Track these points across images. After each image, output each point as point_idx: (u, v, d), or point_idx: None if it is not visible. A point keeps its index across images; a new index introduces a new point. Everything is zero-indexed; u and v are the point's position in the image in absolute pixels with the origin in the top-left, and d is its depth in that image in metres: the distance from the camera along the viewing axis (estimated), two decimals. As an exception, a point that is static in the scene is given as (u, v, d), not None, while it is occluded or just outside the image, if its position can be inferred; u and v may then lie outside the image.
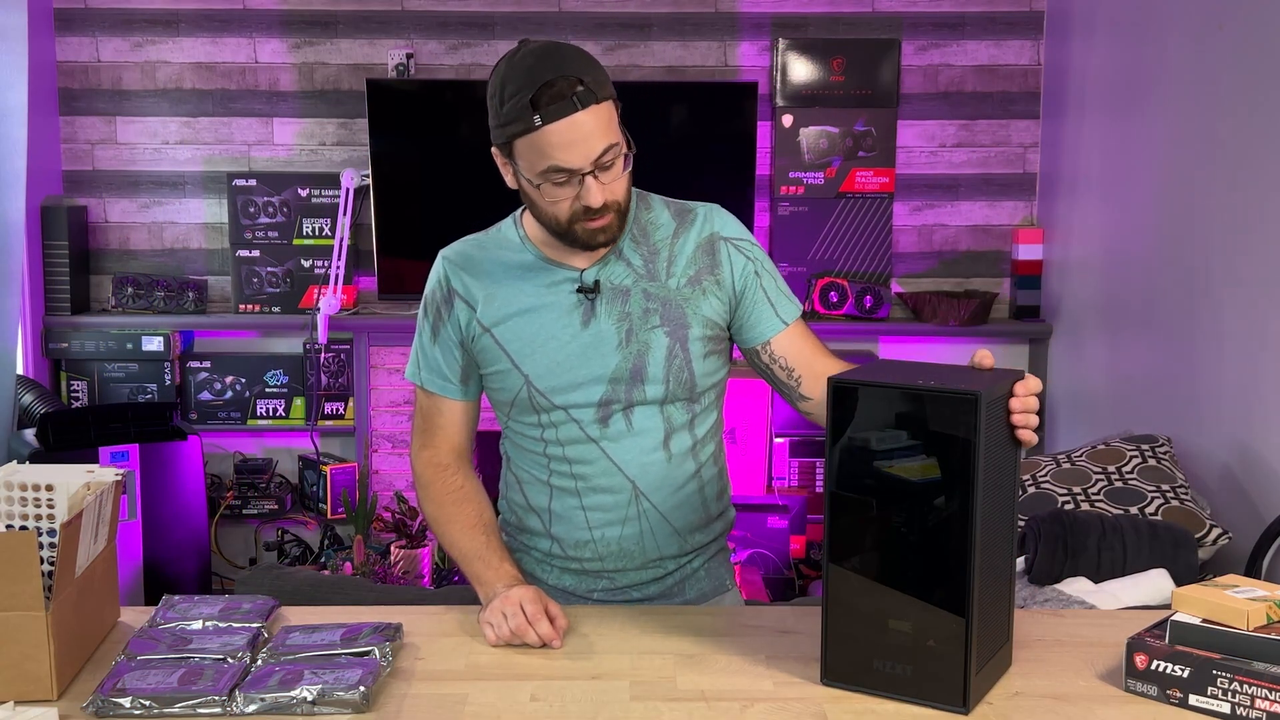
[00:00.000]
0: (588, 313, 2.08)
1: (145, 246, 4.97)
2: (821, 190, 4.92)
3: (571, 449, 2.11)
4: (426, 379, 2.18)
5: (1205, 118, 3.68)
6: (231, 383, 4.87)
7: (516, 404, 2.12)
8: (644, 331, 2.07)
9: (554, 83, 1.90)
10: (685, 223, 2.15)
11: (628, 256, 2.11)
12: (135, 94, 4.89)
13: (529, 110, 1.91)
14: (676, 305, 2.09)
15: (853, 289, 4.83)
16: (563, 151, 1.92)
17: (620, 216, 2.03)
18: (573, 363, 2.07)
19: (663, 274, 2.11)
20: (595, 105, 1.92)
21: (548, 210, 2.00)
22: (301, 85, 4.90)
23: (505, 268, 2.13)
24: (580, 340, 2.08)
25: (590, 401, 2.08)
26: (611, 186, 1.98)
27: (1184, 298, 3.79)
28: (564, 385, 2.08)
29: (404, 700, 1.70)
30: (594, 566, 2.14)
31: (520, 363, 2.09)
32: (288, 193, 4.83)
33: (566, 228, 2.01)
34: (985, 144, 5.00)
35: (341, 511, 4.71)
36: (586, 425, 2.09)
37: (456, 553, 2.13)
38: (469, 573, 2.10)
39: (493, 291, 2.12)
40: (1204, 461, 3.64)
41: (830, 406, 1.70)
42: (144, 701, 1.63)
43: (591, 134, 1.92)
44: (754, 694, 1.72)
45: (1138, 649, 1.72)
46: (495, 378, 2.13)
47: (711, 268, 2.12)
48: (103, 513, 1.85)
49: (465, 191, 4.72)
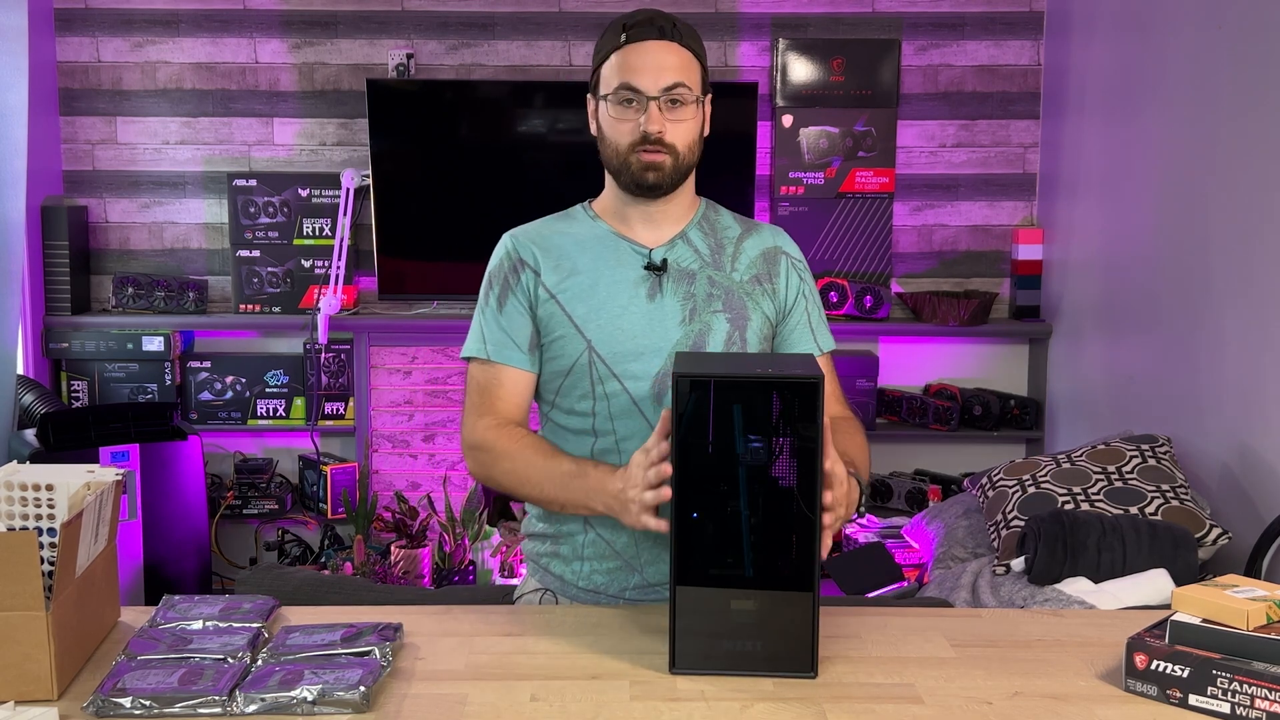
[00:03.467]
0: (654, 288, 2.15)
1: (145, 246, 4.97)
2: (821, 190, 4.92)
3: (621, 423, 2.13)
4: (493, 350, 2.17)
5: (1205, 118, 3.68)
6: (232, 383, 4.87)
7: (573, 372, 2.14)
8: (706, 313, 2.15)
9: (650, 16, 2.10)
10: (751, 230, 2.27)
11: (695, 243, 2.21)
12: (135, 94, 4.90)
13: (619, 32, 2.10)
14: (739, 297, 2.18)
15: (853, 289, 4.83)
16: (636, 73, 2.07)
17: (675, 165, 2.12)
18: (636, 331, 2.13)
19: (727, 266, 2.20)
20: (678, 45, 2.10)
21: (612, 136, 2.12)
22: (302, 85, 4.90)
23: (574, 240, 2.20)
24: (645, 312, 2.14)
25: (649, 373, 2.12)
26: (674, 127, 2.10)
27: (1184, 298, 3.79)
28: (625, 353, 2.12)
29: (404, 700, 1.70)
30: (629, 554, 2.14)
31: (584, 327, 2.13)
32: (288, 193, 4.83)
33: (624, 157, 2.11)
34: (985, 144, 5.00)
35: (342, 511, 4.71)
36: (640, 399, 2.12)
37: (549, 485, 2.06)
38: (572, 495, 2.03)
39: (559, 261, 2.18)
40: (1204, 461, 3.64)
41: (674, 399, 1.75)
42: (144, 701, 1.63)
43: (667, 65, 2.07)
44: (754, 694, 1.72)
45: (1138, 649, 1.72)
46: (556, 344, 2.16)
47: (770, 276, 2.23)
48: (103, 513, 1.85)
49: (465, 191, 4.74)
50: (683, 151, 2.12)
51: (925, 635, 1.96)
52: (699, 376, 1.75)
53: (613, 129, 2.12)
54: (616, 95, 2.09)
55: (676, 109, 2.09)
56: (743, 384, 1.75)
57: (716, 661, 1.78)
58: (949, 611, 2.30)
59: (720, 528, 1.77)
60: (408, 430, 4.82)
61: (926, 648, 1.91)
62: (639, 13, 2.12)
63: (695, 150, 2.16)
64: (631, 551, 2.14)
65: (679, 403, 1.74)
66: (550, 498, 2.08)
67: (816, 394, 1.72)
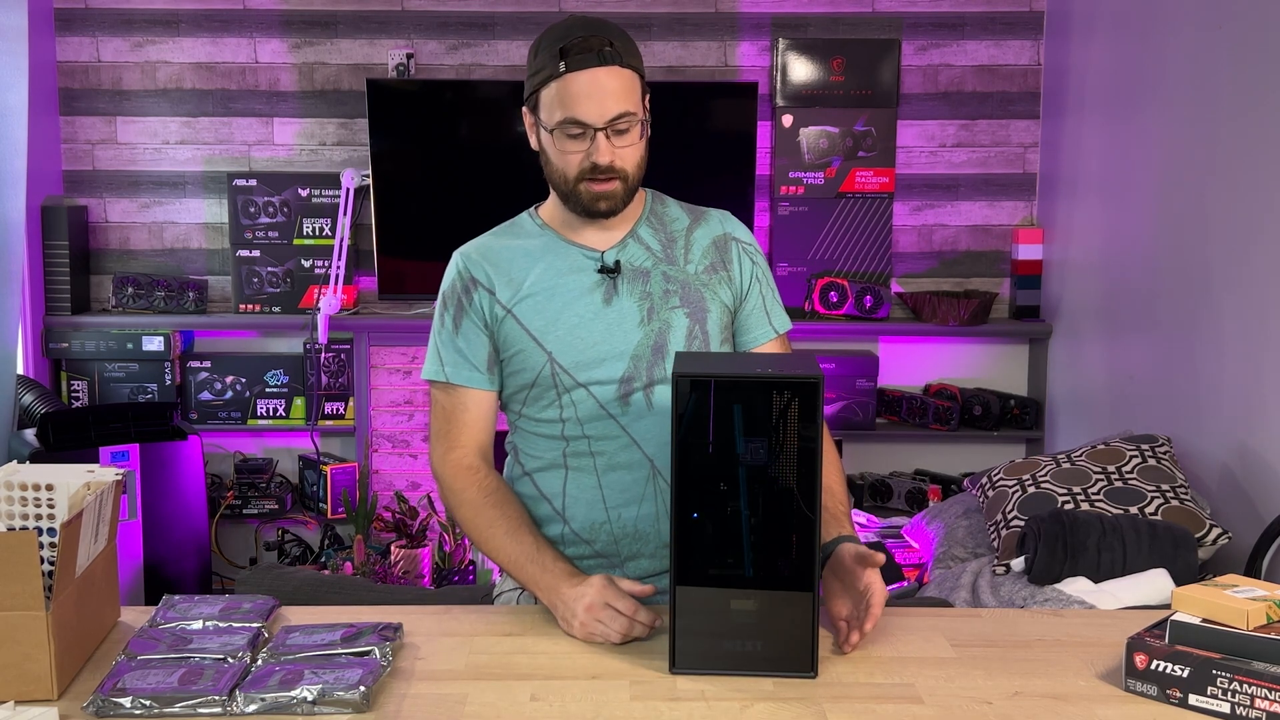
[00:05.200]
0: (609, 291, 2.14)
1: (145, 246, 4.97)
2: (821, 190, 4.92)
3: (591, 425, 2.13)
4: (451, 372, 2.17)
5: (1205, 118, 3.68)
6: (232, 382, 4.87)
7: (537, 384, 2.14)
8: (665, 311, 2.15)
9: (585, 39, 2.03)
10: (699, 219, 2.26)
11: (645, 240, 2.19)
12: (135, 94, 4.89)
13: (557, 59, 2.04)
14: (695, 290, 2.17)
15: (853, 289, 4.83)
16: (580, 104, 2.03)
17: (626, 188, 2.11)
18: (595, 338, 2.12)
19: (680, 259, 2.19)
20: (619, 68, 2.04)
21: (558, 165, 2.10)
22: (301, 85, 4.90)
23: (523, 252, 2.19)
24: (603, 317, 2.13)
25: (612, 378, 2.12)
26: (622, 152, 2.07)
27: (1184, 298, 3.79)
28: (587, 361, 2.12)
29: (404, 700, 1.70)
30: (608, 550, 2.14)
31: (543, 340, 2.12)
32: (288, 193, 4.83)
33: (573, 186, 2.09)
34: (985, 144, 5.00)
35: (342, 511, 4.71)
36: (607, 403, 2.12)
37: (504, 558, 2.09)
38: (522, 577, 2.06)
39: (512, 275, 2.17)
40: (1204, 461, 3.64)
41: (674, 399, 1.75)
42: (144, 701, 1.63)
43: (610, 93, 2.03)
44: (754, 693, 1.72)
45: (1138, 649, 1.72)
46: (516, 359, 2.15)
47: (724, 263, 2.22)
48: (103, 512, 1.85)
49: (465, 191, 4.74)
50: (632, 173, 2.10)
51: (925, 635, 1.96)
52: (699, 376, 1.75)
53: (559, 159, 2.09)
54: (562, 128, 2.06)
55: (622, 136, 2.06)
56: (742, 384, 1.75)
57: (716, 661, 1.78)
58: (949, 611, 2.30)
59: (720, 528, 1.77)
60: (408, 430, 4.82)
61: (926, 648, 1.91)
62: (574, 32, 2.05)
63: (643, 167, 2.14)
64: (612, 549, 2.15)
65: (679, 403, 1.74)
66: (499, 563, 2.12)
67: (817, 394, 1.72)
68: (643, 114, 2.09)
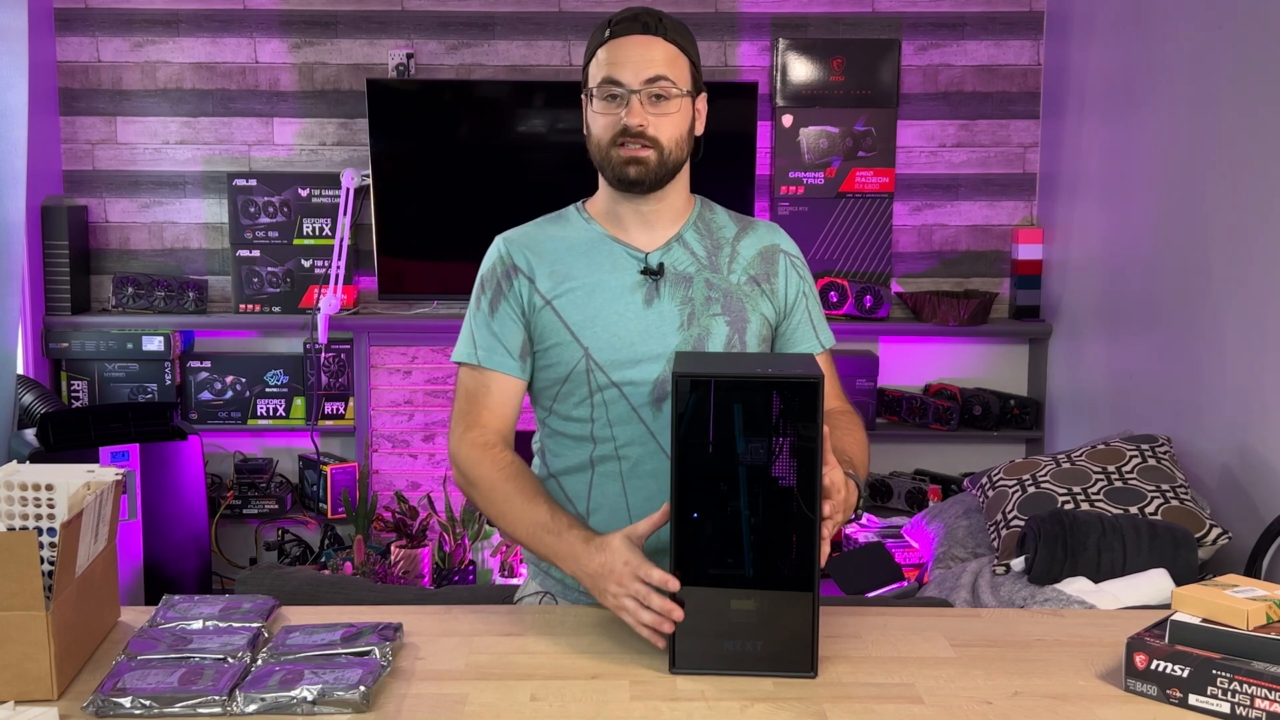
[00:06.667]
0: (651, 293, 2.14)
1: (145, 246, 4.97)
2: (821, 190, 4.92)
3: (620, 429, 2.12)
4: (484, 356, 2.15)
5: (1205, 117, 3.68)
6: (232, 382, 4.87)
7: (570, 380, 2.13)
8: (705, 317, 2.14)
9: (635, 12, 2.10)
10: (747, 228, 2.25)
11: (691, 245, 2.19)
12: (135, 94, 4.90)
13: (604, 29, 2.10)
14: (737, 300, 2.16)
15: (853, 289, 4.83)
16: (618, 67, 2.06)
17: (660, 160, 2.10)
18: (634, 338, 2.11)
19: (724, 268, 2.18)
20: (663, 40, 2.08)
21: (596, 132, 2.12)
22: (302, 85, 4.90)
23: (567, 244, 2.18)
24: (643, 318, 2.12)
25: (648, 380, 2.10)
26: (657, 121, 2.08)
27: (1184, 298, 3.79)
28: (623, 360, 2.11)
29: (404, 700, 1.70)
30: None
31: (580, 335, 2.11)
32: (288, 193, 4.83)
33: (606, 151, 2.10)
34: (985, 144, 5.00)
35: (342, 511, 4.71)
36: (640, 406, 2.11)
37: (523, 532, 2.04)
38: (541, 549, 2.01)
39: (554, 267, 2.16)
40: (1204, 461, 3.64)
41: (674, 399, 1.75)
42: (144, 701, 1.63)
43: (650, 59, 2.06)
44: (754, 694, 1.72)
45: (1137, 649, 1.72)
46: (552, 352, 2.14)
47: (769, 276, 2.21)
48: (103, 512, 1.85)
49: (465, 192, 4.74)
50: (668, 146, 2.09)
51: (925, 635, 1.96)
52: (699, 376, 1.75)
53: (595, 124, 2.11)
54: (600, 90, 2.08)
55: (660, 103, 2.07)
56: (743, 384, 1.75)
57: (717, 661, 1.78)
58: (949, 611, 2.30)
59: (720, 528, 1.77)
60: (408, 430, 4.82)
61: (926, 648, 1.91)
62: (627, 10, 2.12)
63: (683, 147, 2.13)
64: None
65: (679, 402, 1.74)
66: (519, 540, 2.07)
67: (816, 394, 1.72)
68: (688, 90, 2.10)
